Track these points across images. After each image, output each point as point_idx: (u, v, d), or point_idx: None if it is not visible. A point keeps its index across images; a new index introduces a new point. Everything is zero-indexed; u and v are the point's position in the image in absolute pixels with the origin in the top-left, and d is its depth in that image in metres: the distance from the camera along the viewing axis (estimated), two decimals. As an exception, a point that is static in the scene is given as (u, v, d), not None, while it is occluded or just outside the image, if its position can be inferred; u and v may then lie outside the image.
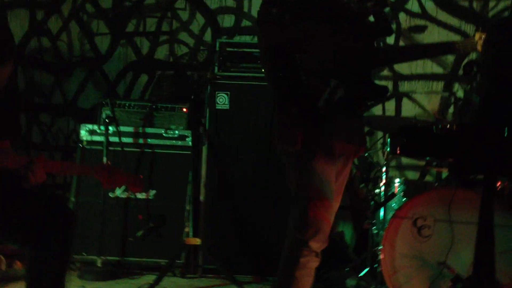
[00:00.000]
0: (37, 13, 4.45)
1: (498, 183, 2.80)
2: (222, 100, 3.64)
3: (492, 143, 1.60)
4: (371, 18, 2.30)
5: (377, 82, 4.13)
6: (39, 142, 4.50)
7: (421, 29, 4.11)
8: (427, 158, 2.91)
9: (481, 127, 1.63)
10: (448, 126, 1.61)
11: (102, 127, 3.55)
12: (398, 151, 1.65)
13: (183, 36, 4.46)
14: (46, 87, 4.50)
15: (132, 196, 3.56)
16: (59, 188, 4.46)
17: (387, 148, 3.08)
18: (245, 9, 4.39)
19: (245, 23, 4.38)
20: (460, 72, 4.02)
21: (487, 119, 1.63)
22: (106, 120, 3.53)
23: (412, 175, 4.13)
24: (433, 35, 4.12)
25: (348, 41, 2.16)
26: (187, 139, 3.66)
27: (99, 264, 3.44)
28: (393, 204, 3.06)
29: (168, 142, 3.67)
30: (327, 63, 2.12)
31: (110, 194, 3.58)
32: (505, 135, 1.55)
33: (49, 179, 4.37)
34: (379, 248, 2.90)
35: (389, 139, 1.72)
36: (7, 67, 2.06)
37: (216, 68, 3.66)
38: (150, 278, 3.30)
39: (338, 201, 2.32)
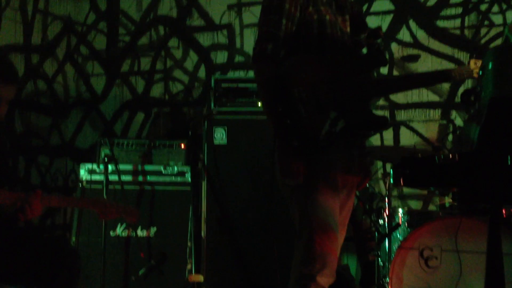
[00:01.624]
0: (32, 57, 4.49)
1: (504, 211, 2.79)
2: (220, 135, 3.64)
3: (496, 171, 1.60)
4: (365, 50, 2.33)
5: (374, 112, 4.18)
6: (38, 184, 4.47)
7: (414, 58, 4.16)
8: (431, 188, 2.90)
9: (483, 156, 1.63)
10: (450, 156, 1.61)
11: (102, 166, 3.54)
12: (401, 183, 1.64)
13: (178, 73, 4.50)
14: (43, 129, 4.51)
15: (133, 235, 3.53)
16: (59, 229, 4.41)
17: (390, 180, 3.06)
18: (238, 45, 4.44)
19: (238, 58, 4.43)
20: (458, 99, 4.06)
21: (488, 148, 1.63)
22: (105, 159, 3.52)
23: (415, 204, 4.11)
24: (426, 63, 4.16)
25: (344, 73, 2.18)
26: (186, 175, 3.65)
27: (101, 306, 3.38)
28: (398, 235, 3.03)
29: (167, 179, 3.65)
30: (326, 95, 2.12)
31: (111, 233, 3.54)
32: (509, 163, 1.55)
33: (49, 220, 4.37)
34: (386, 280, 2.86)
35: (391, 171, 1.72)
36: (10, 90, 2.11)
37: (212, 104, 3.68)
38: (153, 319, 3.23)
39: (343, 233, 2.29)
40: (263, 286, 3.43)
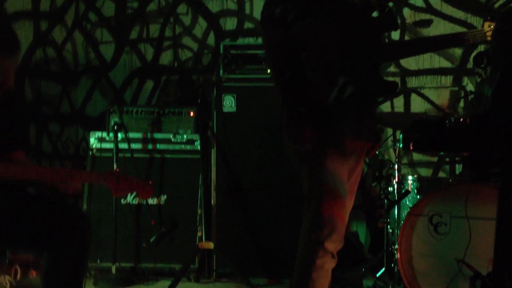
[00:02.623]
0: (41, 24, 4.45)
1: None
2: (229, 103, 3.62)
3: (507, 135, 1.57)
4: (376, 13, 2.27)
5: (384, 77, 4.12)
6: (49, 152, 4.50)
7: (427, 23, 4.07)
8: (441, 153, 2.87)
9: (495, 119, 1.60)
10: (461, 120, 1.58)
11: (111, 134, 3.55)
12: (411, 147, 1.61)
13: (187, 40, 4.46)
14: (53, 97, 4.51)
15: (143, 202, 3.56)
16: (71, 197, 4.46)
17: (399, 145, 3.03)
18: (247, 11, 4.37)
19: (247, 25, 4.37)
20: (470, 65, 3.98)
21: (501, 111, 1.60)
22: (115, 127, 3.52)
23: (425, 172, 4.08)
24: (439, 29, 4.08)
25: (353, 37, 2.13)
26: (195, 143, 3.66)
27: (113, 271, 3.44)
28: (407, 202, 3.02)
29: (177, 147, 3.66)
30: (334, 60, 2.09)
31: (122, 201, 3.58)
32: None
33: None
34: (395, 247, 2.87)
35: (401, 135, 1.69)
36: (15, 59, 2.12)
37: (221, 71, 3.65)
38: (165, 283, 3.29)
39: (352, 200, 2.29)
40: (273, 252, 3.46)
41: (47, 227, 2.15)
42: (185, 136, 3.67)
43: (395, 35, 4.12)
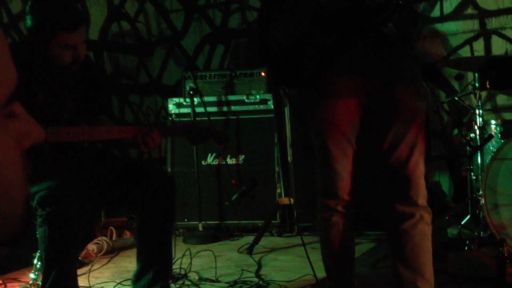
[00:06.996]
0: (114, -2, 4.61)
1: None
2: (300, 59, 3.61)
3: None
4: None
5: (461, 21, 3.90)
6: (132, 121, 4.72)
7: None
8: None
9: None
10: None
11: (188, 99, 3.67)
12: (487, 85, 1.55)
13: (254, 1, 4.45)
14: (131, 69, 4.69)
15: (223, 163, 3.67)
16: (156, 162, 4.68)
17: (475, 84, 2.91)
18: (315, -35, 4.28)
19: (316, -21, 4.28)
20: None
21: None
22: (191, 92, 3.64)
23: (510, 116, 3.88)
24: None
25: None
26: (268, 102, 3.69)
27: (200, 229, 3.61)
28: (491, 146, 2.91)
29: (251, 107, 3.72)
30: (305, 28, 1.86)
31: (203, 162, 3.72)
32: None
33: (146, 154, 4.64)
34: (479, 193, 2.79)
35: (476, 74, 1.58)
36: (79, 34, 2.15)
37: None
38: (249, 239, 3.40)
39: (412, 131, 1.86)
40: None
41: (136, 188, 2.25)
42: (258, 97, 3.72)
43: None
